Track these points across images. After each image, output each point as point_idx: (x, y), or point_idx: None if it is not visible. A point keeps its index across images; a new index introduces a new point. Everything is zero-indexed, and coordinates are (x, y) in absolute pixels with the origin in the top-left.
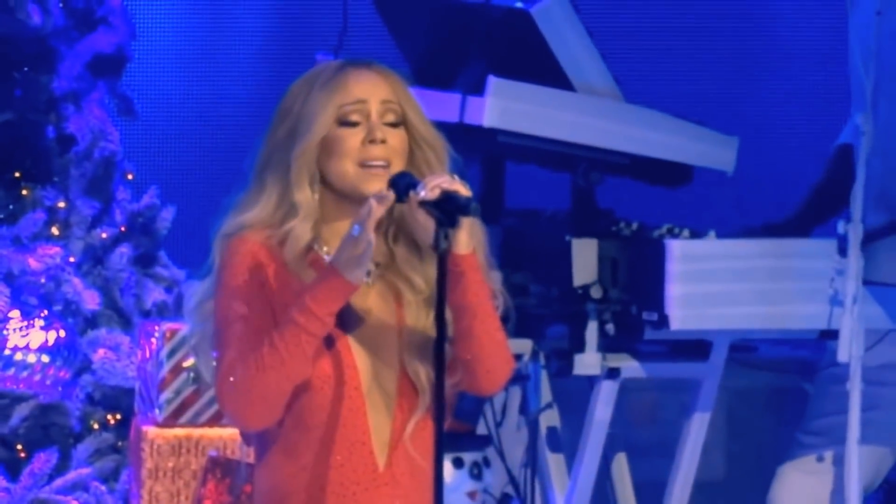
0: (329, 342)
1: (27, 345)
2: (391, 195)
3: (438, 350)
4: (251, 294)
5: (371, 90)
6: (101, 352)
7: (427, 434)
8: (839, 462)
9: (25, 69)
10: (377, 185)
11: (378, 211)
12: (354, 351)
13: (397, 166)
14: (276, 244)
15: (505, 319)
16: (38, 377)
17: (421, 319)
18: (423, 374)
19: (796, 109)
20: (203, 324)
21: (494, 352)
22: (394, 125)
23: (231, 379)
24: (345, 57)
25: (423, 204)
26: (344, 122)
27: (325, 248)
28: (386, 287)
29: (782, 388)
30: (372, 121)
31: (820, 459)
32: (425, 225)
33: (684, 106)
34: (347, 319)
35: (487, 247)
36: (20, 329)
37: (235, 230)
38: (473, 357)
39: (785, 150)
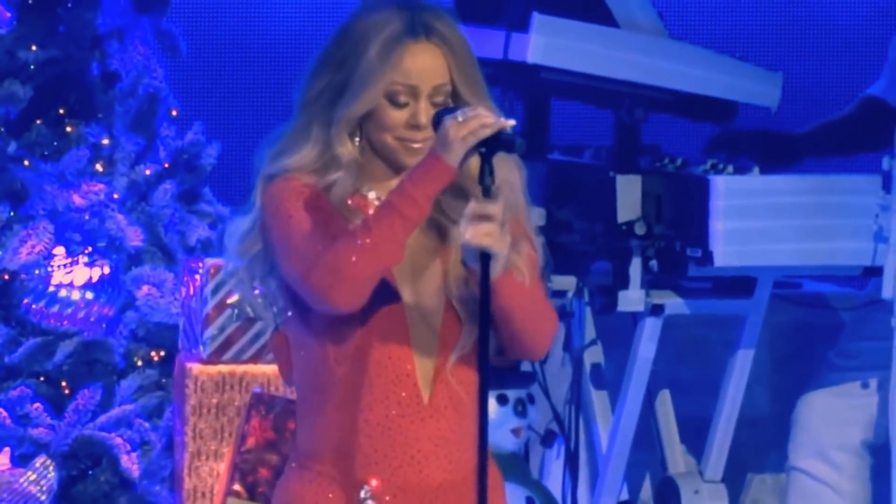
0: None
1: (71, 282)
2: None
3: (484, 304)
4: (317, 206)
5: (425, 75)
6: (144, 288)
7: (472, 370)
8: (872, 389)
9: (69, 5)
10: (417, 157)
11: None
12: (400, 285)
13: None
14: (322, 189)
15: (544, 268)
16: (81, 314)
17: None
18: (468, 305)
19: (838, 44)
20: (245, 260)
21: (537, 326)
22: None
23: (321, 262)
24: None
25: None
26: (392, 100)
27: (370, 194)
28: (431, 224)
29: (826, 324)
30: (419, 105)
31: (848, 382)
32: (470, 161)
33: (728, 42)
34: None
35: (525, 185)
36: (64, 266)
37: (279, 173)
38: (514, 338)
39: (827, 85)
